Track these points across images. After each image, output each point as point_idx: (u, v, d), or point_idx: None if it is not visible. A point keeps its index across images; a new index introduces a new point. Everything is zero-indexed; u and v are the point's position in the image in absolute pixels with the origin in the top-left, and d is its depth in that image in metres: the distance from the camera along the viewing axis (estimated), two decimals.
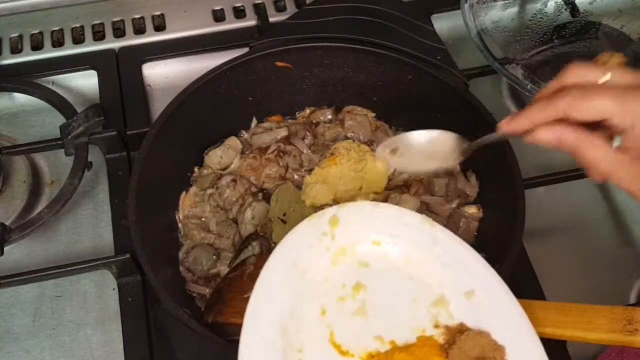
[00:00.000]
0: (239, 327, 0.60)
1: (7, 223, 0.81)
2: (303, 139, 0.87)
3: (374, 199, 0.80)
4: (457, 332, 0.63)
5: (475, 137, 0.71)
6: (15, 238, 0.79)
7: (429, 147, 0.75)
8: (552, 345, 0.66)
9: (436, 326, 0.64)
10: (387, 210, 0.70)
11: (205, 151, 0.86)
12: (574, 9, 0.98)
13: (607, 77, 0.58)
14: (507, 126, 0.62)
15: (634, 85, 0.57)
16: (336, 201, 0.80)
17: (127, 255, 0.78)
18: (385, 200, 0.81)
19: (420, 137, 0.76)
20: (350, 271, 0.67)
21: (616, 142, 0.58)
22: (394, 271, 0.67)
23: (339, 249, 0.67)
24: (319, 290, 0.65)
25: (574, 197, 0.89)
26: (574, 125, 0.57)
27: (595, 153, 0.57)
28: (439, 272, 0.67)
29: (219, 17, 1.06)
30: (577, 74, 0.59)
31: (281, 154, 0.86)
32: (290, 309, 0.62)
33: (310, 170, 0.84)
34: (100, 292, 0.81)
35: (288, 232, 0.66)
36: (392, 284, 0.66)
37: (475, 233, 0.81)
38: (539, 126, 0.59)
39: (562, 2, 0.99)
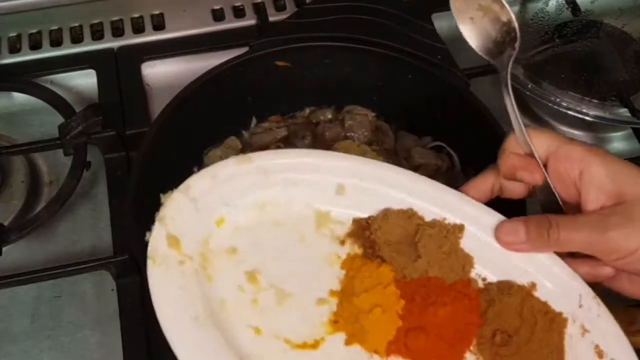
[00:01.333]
0: None
1: (6, 223, 0.81)
2: (303, 138, 0.87)
3: None
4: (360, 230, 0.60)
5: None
6: (13, 238, 0.79)
7: None
8: None
9: (341, 242, 0.60)
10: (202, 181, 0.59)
11: (205, 151, 0.86)
12: (575, 8, 0.98)
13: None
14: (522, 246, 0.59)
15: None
16: None
17: (126, 256, 0.77)
18: None
19: None
20: (229, 270, 0.58)
21: None
22: (264, 232, 0.59)
23: (198, 264, 0.57)
24: (230, 317, 0.56)
25: None
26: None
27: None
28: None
29: (218, 16, 1.05)
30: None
31: None
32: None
33: None
34: (99, 293, 0.80)
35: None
36: (277, 246, 0.59)
37: None
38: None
39: (563, 1, 0.99)
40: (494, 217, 0.60)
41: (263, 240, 0.59)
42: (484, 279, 0.59)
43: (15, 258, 0.83)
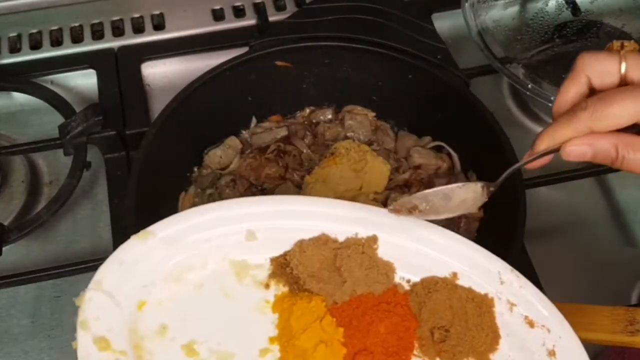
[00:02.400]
0: None
1: (6, 223, 0.81)
2: (303, 138, 0.87)
3: (374, 199, 0.80)
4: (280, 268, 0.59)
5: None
6: (13, 238, 0.79)
7: (453, 199, 0.66)
8: None
9: (266, 286, 0.60)
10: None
11: (205, 151, 0.86)
12: (575, 8, 0.98)
13: (624, 66, 0.54)
14: (539, 145, 0.56)
15: None
16: None
17: None
18: (385, 199, 0.80)
19: (439, 194, 0.65)
20: (166, 351, 0.56)
21: None
22: (188, 300, 0.58)
23: (133, 357, 0.55)
24: None
25: (574, 197, 0.89)
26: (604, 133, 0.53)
27: (639, 154, 0.52)
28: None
29: (218, 16, 1.05)
30: (590, 66, 0.55)
31: (281, 154, 0.85)
32: None
33: (310, 170, 0.84)
34: None
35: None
36: (204, 310, 0.58)
37: (476, 233, 0.80)
38: (566, 142, 0.54)
39: (563, 1, 0.99)
40: (400, 220, 0.59)
41: (189, 309, 0.58)
42: (408, 281, 0.60)
43: (15, 258, 0.83)
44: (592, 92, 0.57)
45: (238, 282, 0.59)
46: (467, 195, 0.61)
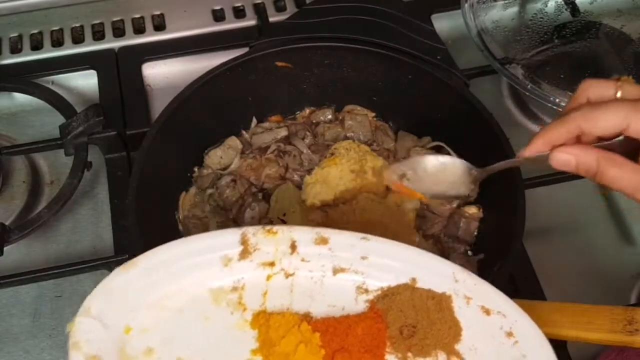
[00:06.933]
0: None
1: (7, 223, 0.81)
2: (303, 139, 0.87)
3: (373, 200, 0.80)
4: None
5: (486, 164, 0.70)
6: (14, 238, 0.79)
7: (438, 173, 0.74)
8: (552, 346, 0.67)
9: (244, 309, 0.63)
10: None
11: (205, 151, 0.86)
12: (574, 9, 0.99)
13: (619, 93, 0.58)
14: (526, 151, 0.60)
15: None
16: (336, 201, 0.80)
17: (127, 256, 0.77)
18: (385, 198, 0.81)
19: (428, 163, 0.74)
20: None
21: None
22: (171, 324, 0.61)
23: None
24: None
25: (574, 197, 0.89)
26: (591, 146, 0.56)
27: (617, 171, 0.55)
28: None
29: (218, 16, 1.06)
30: (591, 88, 0.59)
31: (281, 154, 0.86)
32: None
33: (310, 170, 0.84)
34: None
35: None
36: (188, 333, 0.61)
37: (475, 233, 0.80)
38: (556, 147, 0.58)
39: (563, 2, 0.99)
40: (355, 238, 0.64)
41: (173, 332, 0.61)
42: (374, 290, 0.64)
43: (16, 258, 0.83)
44: None
45: (216, 306, 0.62)
46: (454, 173, 0.69)
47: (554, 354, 0.60)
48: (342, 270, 0.64)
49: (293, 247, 0.64)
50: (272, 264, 0.64)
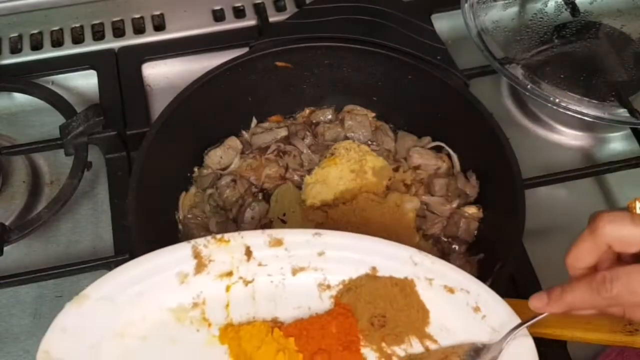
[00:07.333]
0: None
1: (7, 223, 0.81)
2: (303, 139, 0.87)
3: (373, 200, 0.80)
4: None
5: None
6: (14, 238, 0.79)
7: None
8: (552, 346, 0.67)
9: (209, 324, 0.61)
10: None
11: (205, 151, 0.86)
12: (574, 9, 0.98)
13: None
14: (547, 307, 0.59)
15: None
16: (336, 201, 0.80)
17: (127, 256, 0.77)
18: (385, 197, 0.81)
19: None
20: None
21: None
22: (137, 354, 0.59)
23: None
24: None
25: (574, 197, 0.89)
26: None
27: None
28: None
29: (218, 17, 1.06)
30: (611, 233, 0.56)
31: (281, 154, 0.86)
32: None
33: (310, 170, 0.84)
34: None
35: None
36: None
37: (475, 233, 0.80)
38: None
39: (562, 2, 0.99)
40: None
41: (141, 359, 0.59)
42: (336, 285, 0.64)
43: (16, 258, 0.83)
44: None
45: (180, 326, 0.60)
46: None
47: (522, 326, 0.60)
48: (301, 270, 0.63)
49: (248, 253, 0.63)
50: (229, 274, 0.62)
